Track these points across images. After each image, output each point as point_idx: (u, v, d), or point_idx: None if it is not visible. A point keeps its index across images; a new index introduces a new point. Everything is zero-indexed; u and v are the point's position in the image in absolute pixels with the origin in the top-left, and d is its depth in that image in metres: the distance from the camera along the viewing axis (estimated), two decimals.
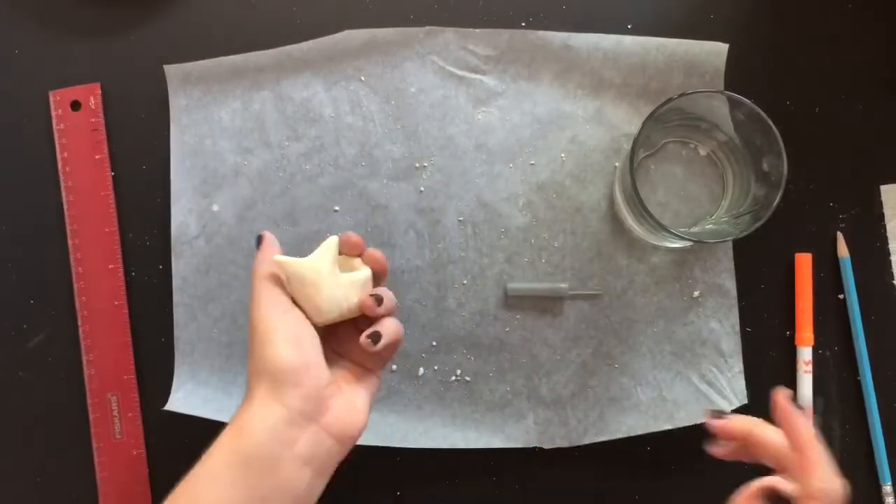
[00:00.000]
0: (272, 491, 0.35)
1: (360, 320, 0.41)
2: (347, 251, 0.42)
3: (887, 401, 0.52)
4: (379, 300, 0.40)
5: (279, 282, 0.40)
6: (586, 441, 0.51)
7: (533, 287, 0.52)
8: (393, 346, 0.41)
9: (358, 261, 0.42)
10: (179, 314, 0.52)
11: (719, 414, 0.41)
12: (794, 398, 0.40)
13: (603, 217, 0.53)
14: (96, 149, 0.53)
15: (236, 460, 0.35)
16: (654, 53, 0.52)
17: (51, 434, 0.52)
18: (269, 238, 0.42)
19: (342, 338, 0.42)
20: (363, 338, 0.39)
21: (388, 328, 0.40)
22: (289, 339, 0.37)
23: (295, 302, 0.40)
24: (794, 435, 0.37)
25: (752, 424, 0.39)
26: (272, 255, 0.40)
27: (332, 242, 0.40)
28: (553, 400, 0.52)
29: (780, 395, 0.39)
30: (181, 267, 0.52)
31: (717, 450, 0.41)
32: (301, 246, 0.52)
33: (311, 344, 0.38)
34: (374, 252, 0.42)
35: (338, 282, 0.40)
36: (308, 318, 0.39)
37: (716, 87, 0.52)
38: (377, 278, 0.42)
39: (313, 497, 0.38)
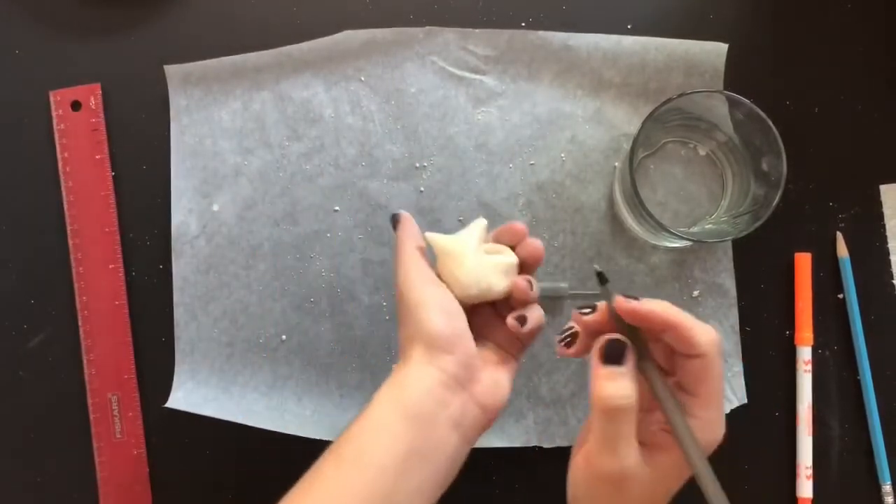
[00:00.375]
0: (429, 448, 0.36)
1: (501, 305, 0.43)
2: (508, 239, 0.43)
3: (887, 400, 0.52)
4: (531, 284, 0.41)
5: (425, 256, 0.42)
6: None
7: None
8: (537, 331, 0.41)
9: (507, 249, 0.42)
10: (179, 314, 0.52)
11: (587, 308, 0.38)
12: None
13: (603, 217, 0.53)
14: (96, 149, 0.53)
15: (399, 414, 0.36)
16: (653, 53, 0.52)
17: (51, 434, 0.52)
18: (407, 216, 0.43)
19: (483, 321, 0.43)
20: (511, 319, 0.40)
21: (535, 313, 0.41)
22: (441, 309, 0.39)
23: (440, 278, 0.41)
24: (655, 320, 0.35)
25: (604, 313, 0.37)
26: (414, 230, 0.42)
27: (480, 224, 0.42)
28: (553, 399, 0.52)
29: (620, 301, 0.36)
30: (181, 267, 0.52)
31: (570, 351, 0.38)
32: (302, 245, 0.52)
33: (460, 317, 0.40)
34: (534, 242, 0.43)
35: (482, 261, 0.41)
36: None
37: (715, 87, 0.52)
38: (528, 268, 0.43)
39: (458, 463, 0.39)
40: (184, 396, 0.51)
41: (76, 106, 0.53)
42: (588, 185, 0.53)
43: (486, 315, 0.43)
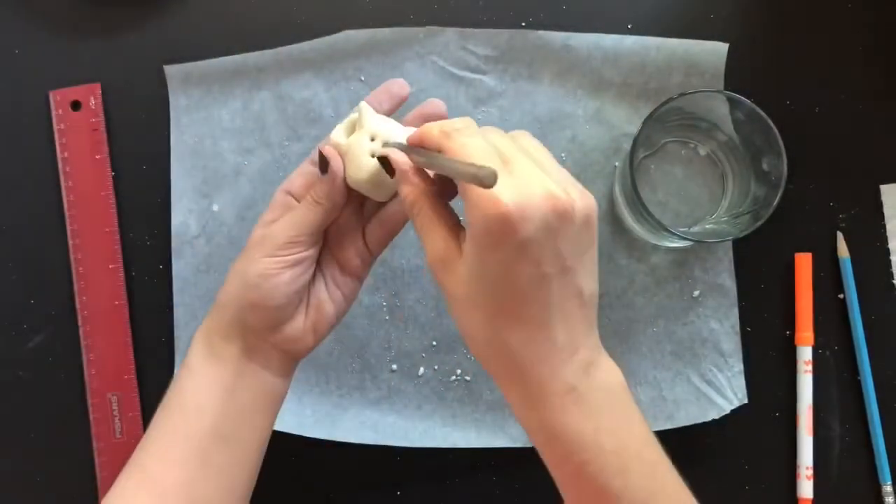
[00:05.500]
0: (242, 387, 0.40)
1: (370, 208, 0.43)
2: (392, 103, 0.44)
3: (887, 401, 0.52)
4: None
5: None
6: None
7: None
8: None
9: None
10: (179, 314, 0.52)
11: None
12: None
13: (603, 217, 0.53)
14: (96, 149, 0.53)
15: (210, 358, 0.40)
16: (653, 53, 0.52)
17: (51, 434, 0.52)
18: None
19: (337, 232, 0.42)
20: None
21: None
22: (271, 290, 0.39)
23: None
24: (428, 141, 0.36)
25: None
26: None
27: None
28: None
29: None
30: (181, 267, 0.52)
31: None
32: None
33: (296, 279, 0.39)
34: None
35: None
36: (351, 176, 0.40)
37: (715, 87, 0.52)
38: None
39: (279, 391, 0.42)
40: None
41: (76, 106, 0.53)
42: (588, 185, 0.52)
43: (344, 225, 0.42)
